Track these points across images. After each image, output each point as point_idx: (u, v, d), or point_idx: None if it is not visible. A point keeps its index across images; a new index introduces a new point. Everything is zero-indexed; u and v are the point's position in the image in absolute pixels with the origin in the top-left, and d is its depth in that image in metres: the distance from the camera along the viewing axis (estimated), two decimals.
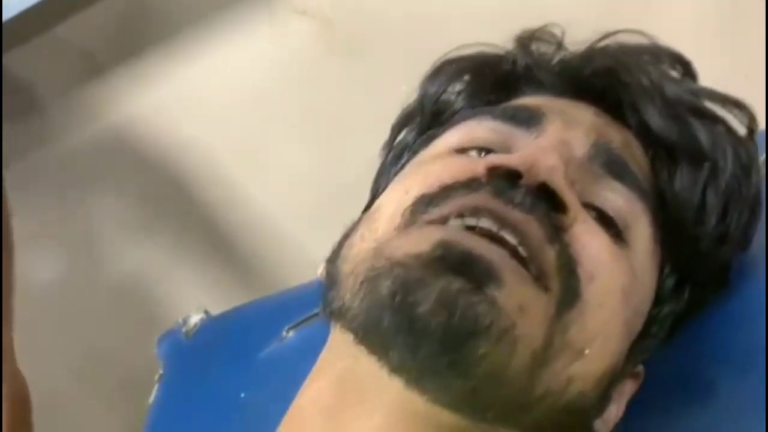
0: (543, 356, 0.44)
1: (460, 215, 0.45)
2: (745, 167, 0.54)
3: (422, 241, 0.44)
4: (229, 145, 1.11)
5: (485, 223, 0.45)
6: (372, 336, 0.44)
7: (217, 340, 0.86)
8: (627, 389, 0.53)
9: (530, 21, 0.61)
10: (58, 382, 1.14)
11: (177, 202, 1.15)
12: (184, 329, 0.89)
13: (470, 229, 0.45)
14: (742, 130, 0.56)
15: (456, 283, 0.42)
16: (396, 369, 0.44)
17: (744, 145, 0.55)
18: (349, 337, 0.46)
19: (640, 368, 0.54)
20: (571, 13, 0.59)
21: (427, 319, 0.41)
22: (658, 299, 0.53)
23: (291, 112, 1.07)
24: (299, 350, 0.76)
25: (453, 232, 0.44)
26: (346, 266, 0.48)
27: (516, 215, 0.45)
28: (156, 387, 0.86)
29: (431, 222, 0.46)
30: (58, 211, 1.14)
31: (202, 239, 1.18)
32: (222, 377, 0.80)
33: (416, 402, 0.44)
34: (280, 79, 1.06)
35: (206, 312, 0.90)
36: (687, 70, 0.57)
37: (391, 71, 0.80)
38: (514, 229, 0.44)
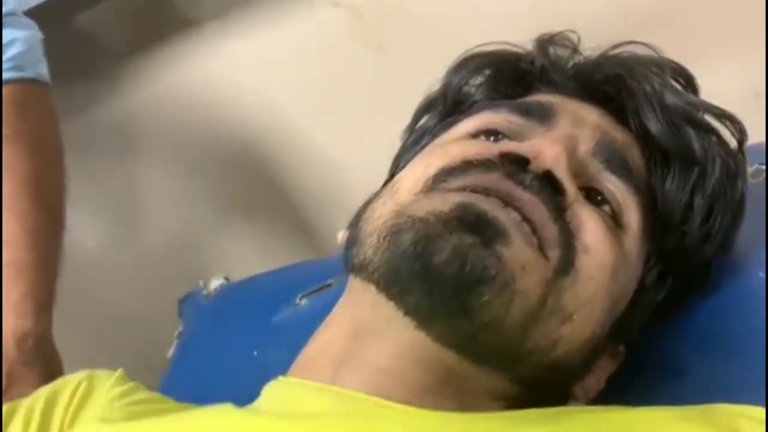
0: (536, 314, 0.50)
1: (474, 191, 0.51)
2: (732, 175, 0.60)
3: (442, 203, 0.50)
4: (264, 124, 1.16)
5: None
6: (392, 283, 0.49)
7: (235, 303, 0.92)
8: (607, 365, 0.58)
9: (551, 16, 0.65)
10: (85, 338, 1.18)
11: (215, 175, 1.20)
12: (204, 292, 0.95)
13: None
14: (733, 142, 0.61)
15: (469, 239, 0.47)
16: (411, 311, 0.49)
17: (732, 156, 0.60)
18: (370, 288, 0.51)
19: (621, 348, 0.59)
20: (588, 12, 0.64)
21: (442, 268, 0.47)
22: (642, 287, 0.59)
23: (322, 96, 1.13)
24: (311, 316, 0.78)
25: (470, 195, 0.50)
26: (368, 226, 0.53)
27: (524, 195, 0.51)
28: (175, 343, 0.92)
29: (450, 190, 0.52)
30: (106, 173, 1.20)
31: (237, 211, 1.23)
32: (237, 336, 0.86)
33: (424, 342, 0.49)
34: (313, 64, 1.12)
35: (226, 278, 0.95)
36: (689, 83, 0.62)
37: (417, 63, 0.84)
38: (520, 207, 0.50)
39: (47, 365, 0.85)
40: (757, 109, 0.88)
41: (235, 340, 0.85)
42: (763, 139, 0.71)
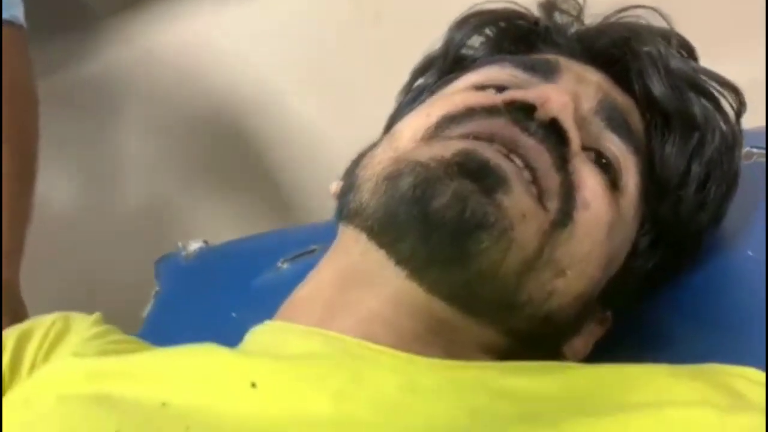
0: (532, 264, 0.49)
1: (477, 138, 0.50)
2: (729, 146, 0.60)
3: (445, 149, 0.49)
4: (250, 89, 1.15)
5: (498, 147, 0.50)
6: (386, 229, 0.49)
7: (215, 264, 0.90)
8: (595, 330, 0.58)
9: None
10: (59, 300, 1.16)
11: (195, 139, 1.18)
12: (183, 253, 0.93)
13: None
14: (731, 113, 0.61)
15: (470, 186, 0.47)
16: (404, 259, 0.48)
17: (731, 127, 0.60)
18: (361, 236, 0.50)
19: (609, 315, 0.59)
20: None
21: (441, 212, 0.46)
22: (634, 252, 0.58)
23: (313, 63, 1.12)
24: (292, 280, 0.77)
25: (473, 142, 0.49)
26: (365, 172, 0.52)
27: (528, 142, 0.50)
28: (152, 302, 0.90)
29: (452, 137, 0.51)
30: (84, 131, 1.18)
31: (217, 176, 1.21)
32: (216, 297, 0.84)
33: (415, 291, 0.49)
34: (304, 30, 1.11)
35: (205, 242, 0.94)
36: (691, 54, 0.62)
37: (415, 31, 0.84)
38: (523, 154, 0.49)
39: (13, 314, 0.83)
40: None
41: (213, 301, 0.84)
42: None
